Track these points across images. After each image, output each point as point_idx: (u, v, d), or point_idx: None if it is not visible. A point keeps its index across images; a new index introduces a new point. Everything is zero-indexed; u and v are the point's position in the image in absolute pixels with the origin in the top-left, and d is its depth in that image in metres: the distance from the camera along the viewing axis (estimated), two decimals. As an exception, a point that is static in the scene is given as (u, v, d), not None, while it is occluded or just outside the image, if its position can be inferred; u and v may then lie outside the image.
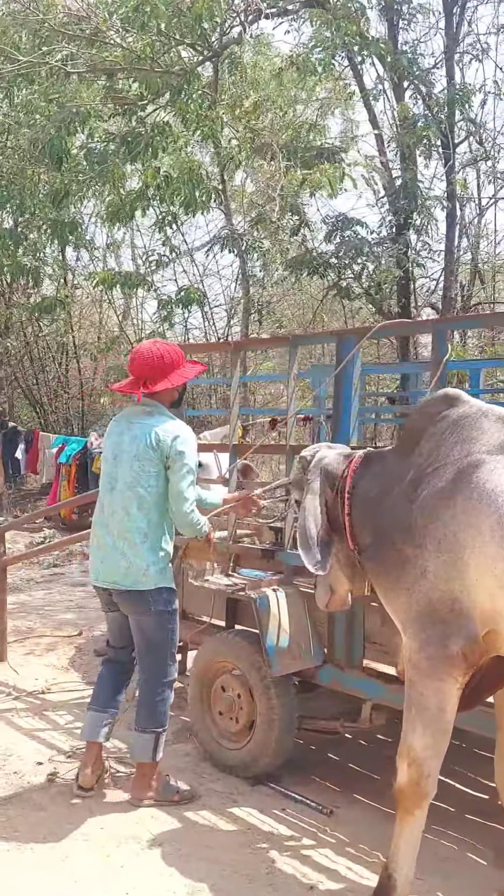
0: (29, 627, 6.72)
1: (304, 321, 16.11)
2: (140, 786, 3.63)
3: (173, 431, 3.52)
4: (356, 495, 2.99)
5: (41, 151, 9.18)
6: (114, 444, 3.62)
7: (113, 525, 3.57)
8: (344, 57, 9.48)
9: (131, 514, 3.52)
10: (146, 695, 3.64)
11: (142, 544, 3.52)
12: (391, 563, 2.71)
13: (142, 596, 3.54)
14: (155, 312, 12.04)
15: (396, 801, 2.72)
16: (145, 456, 3.50)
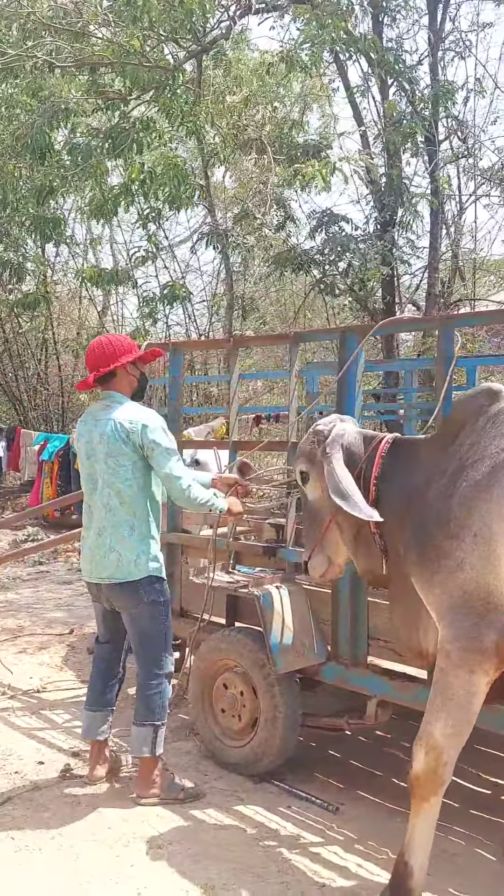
0: (19, 626, 6.67)
1: (286, 318, 16.12)
2: (143, 783, 3.62)
3: (138, 420, 3.53)
4: (385, 482, 3.02)
5: (24, 146, 9.08)
6: (86, 444, 3.65)
7: (99, 522, 3.61)
8: (330, 53, 9.48)
9: (114, 510, 3.56)
10: (143, 688, 3.65)
11: (129, 536, 3.56)
12: (430, 556, 2.74)
13: (134, 588, 3.56)
14: (138, 309, 11.95)
15: (411, 789, 2.74)
16: (117, 452, 3.53)
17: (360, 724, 3.75)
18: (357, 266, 10.15)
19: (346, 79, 10.54)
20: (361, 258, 9.92)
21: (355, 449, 3.14)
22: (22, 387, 17.38)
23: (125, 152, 9.00)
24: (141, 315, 14.00)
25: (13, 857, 3.17)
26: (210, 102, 9.49)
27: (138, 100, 8.95)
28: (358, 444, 3.16)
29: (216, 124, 9.67)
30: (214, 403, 15.67)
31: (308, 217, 11.06)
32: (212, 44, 8.81)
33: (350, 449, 3.14)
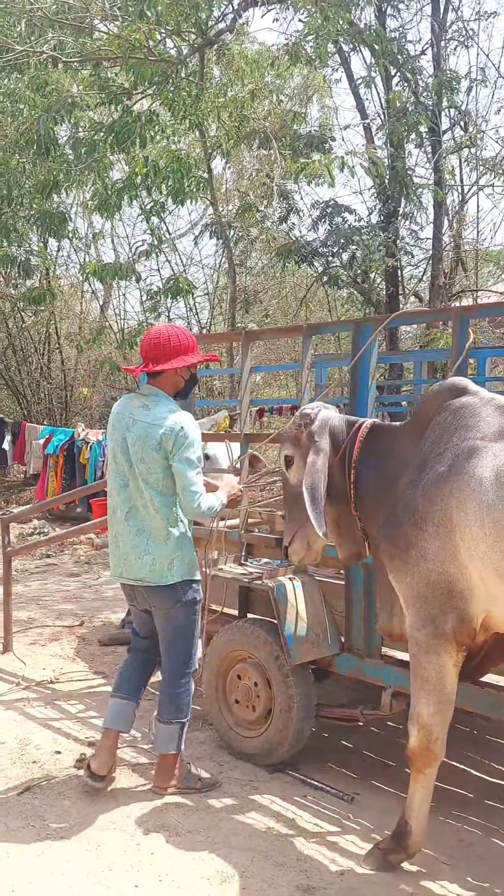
0: (30, 618, 6.71)
1: (288, 311, 16.12)
2: (164, 776, 3.65)
3: (173, 426, 3.43)
4: (363, 466, 3.15)
5: (28, 142, 9.08)
6: (120, 441, 3.56)
7: (132, 522, 3.55)
8: (333, 45, 9.46)
9: (150, 513, 3.51)
10: (170, 685, 3.65)
11: (165, 540, 3.52)
12: (400, 545, 2.89)
13: (172, 588, 3.54)
14: (144, 302, 11.95)
15: (410, 762, 2.99)
16: (150, 458, 3.46)
17: (374, 715, 3.79)
18: (360, 257, 10.15)
19: (350, 70, 10.52)
20: (365, 249, 9.92)
21: (338, 431, 3.26)
22: (25, 381, 17.40)
23: (128, 146, 9.00)
24: (143, 309, 14.01)
25: (35, 845, 3.21)
26: (213, 95, 9.48)
27: (142, 94, 8.94)
28: (342, 429, 3.27)
29: (219, 117, 9.66)
30: (217, 396, 15.71)
31: (311, 208, 11.06)
32: (216, 37, 8.79)
33: (334, 432, 3.25)
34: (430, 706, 2.88)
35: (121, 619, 6.31)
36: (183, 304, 16.09)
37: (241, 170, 14.01)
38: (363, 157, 8.23)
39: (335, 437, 3.23)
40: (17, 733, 4.32)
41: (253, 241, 11.62)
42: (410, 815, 3.00)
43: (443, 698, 2.88)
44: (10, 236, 10.72)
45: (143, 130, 8.78)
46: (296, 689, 3.77)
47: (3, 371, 17.16)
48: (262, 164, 10.85)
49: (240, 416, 4.47)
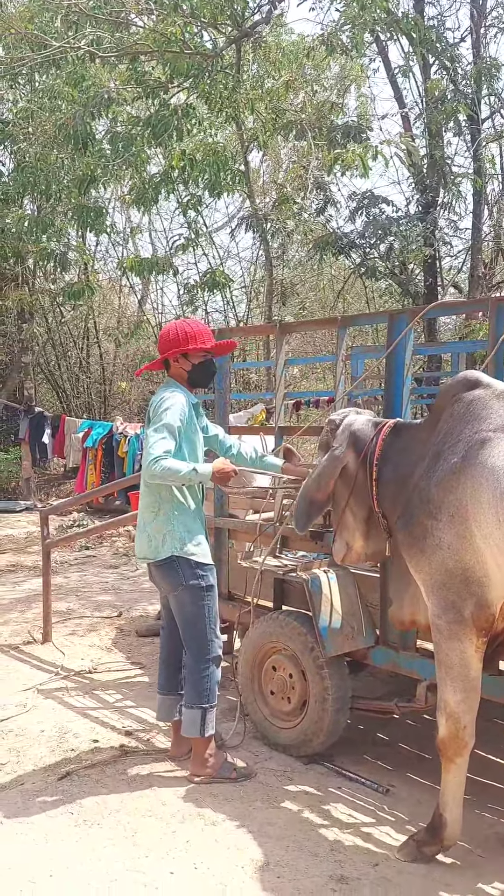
0: (69, 608, 6.80)
1: (326, 303, 16.06)
2: (196, 762, 3.70)
3: (154, 399, 3.66)
4: (385, 463, 3.22)
5: (66, 137, 9.15)
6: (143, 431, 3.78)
7: (141, 504, 3.77)
8: (370, 34, 9.39)
9: (144, 492, 3.71)
10: (190, 671, 3.73)
11: (156, 516, 3.65)
12: (417, 535, 2.95)
13: (172, 569, 3.62)
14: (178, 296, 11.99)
15: (440, 752, 3.00)
16: (146, 436, 3.64)
17: (409, 708, 3.77)
18: (398, 248, 10.07)
19: (387, 59, 10.44)
20: (403, 240, 9.84)
21: (361, 433, 3.34)
22: (65, 375, 17.60)
23: (165, 140, 9.03)
24: (181, 302, 14.07)
25: (73, 830, 3.27)
26: (249, 87, 9.47)
27: (178, 87, 8.96)
28: (366, 430, 3.35)
29: (255, 109, 9.65)
30: (254, 390, 15.72)
31: (348, 199, 10.99)
32: (252, 28, 8.77)
33: (357, 435, 3.35)
34: (456, 693, 2.91)
35: (158, 611, 6.36)
36: (220, 297, 16.15)
37: (277, 162, 13.98)
38: (399, 146, 8.15)
39: (359, 439, 3.33)
40: (56, 722, 4.39)
41: (290, 234, 11.56)
42: (445, 807, 3.01)
43: (468, 685, 2.91)
44: (48, 231, 10.84)
45: (180, 124, 8.81)
46: (331, 681, 3.77)
47: (44, 365, 17.37)
48: (299, 155, 10.81)
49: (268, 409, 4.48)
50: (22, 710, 4.55)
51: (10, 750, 4.05)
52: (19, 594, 7.43)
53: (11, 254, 13.46)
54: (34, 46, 8.64)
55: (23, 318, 14.84)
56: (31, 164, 9.76)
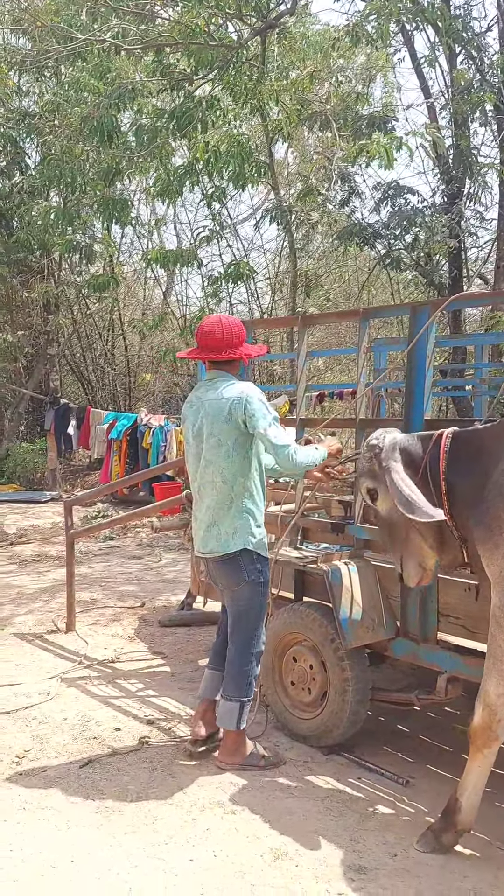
0: (92, 598, 6.86)
1: (350, 294, 16.01)
2: (226, 751, 3.74)
3: (237, 395, 3.57)
4: (454, 474, 3.11)
5: (91, 129, 9.19)
6: (191, 425, 3.74)
7: (205, 499, 3.71)
8: (396, 24, 9.32)
9: (217, 487, 3.65)
10: (234, 664, 3.74)
11: (228, 511, 3.65)
12: (493, 528, 2.91)
13: (235, 565, 3.65)
14: (202, 288, 12.01)
15: (470, 740, 3.02)
16: (219, 430, 3.59)
17: (429, 700, 3.77)
18: (423, 239, 10.01)
19: (413, 49, 10.37)
20: (428, 231, 9.78)
21: (412, 449, 3.25)
22: (90, 367, 17.70)
23: (190, 132, 9.04)
24: (205, 294, 14.08)
25: (94, 817, 3.31)
26: (274, 79, 9.44)
27: (203, 79, 8.96)
28: (414, 445, 3.27)
29: (280, 100, 9.62)
30: (277, 382, 15.72)
31: (373, 190, 10.94)
32: (277, 19, 8.74)
33: (407, 450, 3.26)
34: (499, 687, 2.92)
35: (181, 601, 6.40)
36: (244, 289, 16.15)
37: (302, 153, 13.93)
38: (424, 137, 8.09)
39: (408, 453, 3.25)
40: (79, 710, 4.44)
41: (314, 225, 11.53)
42: (462, 792, 3.04)
43: None
44: (74, 223, 10.90)
45: (205, 116, 8.81)
46: (351, 673, 3.79)
47: (69, 357, 17.49)
48: (324, 146, 10.76)
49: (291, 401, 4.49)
50: (45, 697, 4.61)
51: (33, 737, 4.10)
52: (44, 584, 7.51)
53: (37, 246, 13.57)
54: (60, 39, 8.68)
55: (48, 310, 14.94)
56: (57, 156, 9.82)
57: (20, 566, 8.39)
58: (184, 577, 7.64)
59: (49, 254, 14.35)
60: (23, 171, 14.49)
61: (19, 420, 16.10)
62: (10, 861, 3.00)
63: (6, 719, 4.32)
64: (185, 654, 5.40)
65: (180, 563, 8.41)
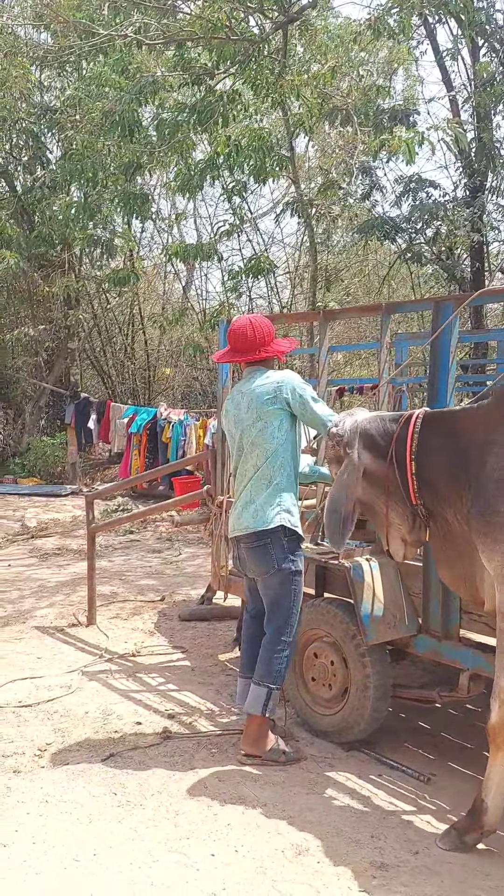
0: (112, 592, 6.89)
1: (371, 288, 15.93)
2: (248, 738, 3.75)
3: (281, 378, 3.76)
4: (425, 455, 3.15)
5: (112, 124, 9.20)
6: (234, 417, 3.89)
7: (243, 481, 3.85)
8: (418, 17, 9.26)
9: (260, 468, 3.78)
10: (266, 650, 3.79)
11: (266, 488, 3.76)
12: (494, 524, 2.91)
13: (266, 551, 3.73)
14: (226, 281, 12.01)
15: (489, 738, 3.01)
16: (265, 414, 3.74)
17: (451, 697, 3.76)
18: (445, 233, 9.95)
19: (435, 42, 10.31)
20: (450, 225, 9.72)
21: (377, 430, 3.30)
22: (110, 361, 17.74)
23: (211, 126, 9.03)
24: (225, 289, 14.08)
25: (116, 810, 3.33)
26: (295, 73, 9.40)
27: (224, 73, 8.94)
28: (378, 426, 3.30)
29: (301, 94, 9.58)
30: (298, 376, 15.65)
31: (394, 184, 10.88)
32: (299, 13, 8.70)
33: (369, 433, 3.30)
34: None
35: (200, 596, 6.42)
36: (264, 283, 16.11)
37: (323, 146, 13.87)
38: (446, 131, 8.03)
39: (372, 437, 3.29)
40: (100, 704, 4.46)
41: (335, 219, 11.49)
42: (487, 793, 3.02)
43: None
44: (95, 218, 10.93)
45: (225, 110, 8.79)
46: (372, 669, 3.78)
47: (89, 351, 17.53)
48: (345, 140, 10.71)
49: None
50: (67, 691, 4.64)
51: (55, 730, 4.13)
52: (65, 577, 7.55)
53: (58, 241, 13.63)
54: (81, 34, 8.68)
55: (69, 305, 14.99)
56: (79, 151, 9.84)
57: (41, 559, 8.44)
58: (203, 571, 7.65)
59: (70, 248, 14.39)
60: (44, 165, 14.56)
61: (40, 414, 16.17)
62: (33, 853, 3.02)
63: (28, 712, 4.35)
64: (204, 649, 5.41)
65: (200, 557, 8.42)
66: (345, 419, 3.40)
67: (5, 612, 6.35)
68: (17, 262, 12.65)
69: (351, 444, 3.28)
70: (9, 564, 8.16)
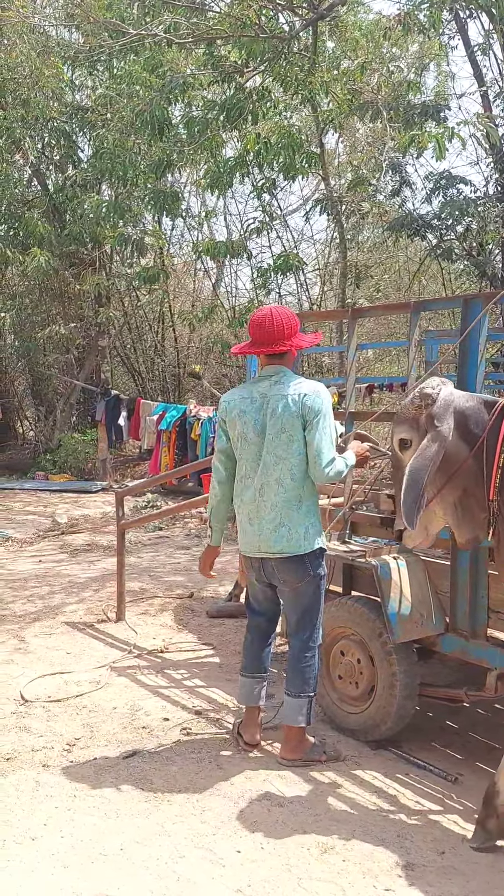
0: (141, 588, 6.94)
1: (401, 285, 15.84)
2: (290, 748, 3.74)
3: (312, 390, 3.57)
4: None
5: (143, 122, 9.25)
6: (252, 422, 3.64)
7: (268, 499, 3.63)
8: (449, 12, 9.18)
9: (286, 485, 3.60)
10: (298, 660, 3.73)
11: (298, 510, 3.62)
12: None
13: (302, 561, 3.63)
14: (256, 278, 12.02)
15: None
16: (291, 426, 3.55)
17: (479, 696, 3.74)
18: (476, 230, 9.87)
19: (467, 36, 10.21)
20: (480, 221, 9.64)
21: (472, 414, 3.02)
22: (140, 358, 17.83)
23: (240, 123, 9.04)
24: (255, 286, 14.08)
25: (143, 806, 3.36)
26: (325, 69, 9.38)
27: (254, 70, 8.94)
28: (474, 409, 3.03)
29: (331, 91, 9.56)
30: (327, 374, 15.64)
31: (424, 180, 10.82)
32: (328, 9, 8.68)
33: (465, 414, 3.02)
34: None
35: (228, 592, 6.43)
36: (293, 280, 16.09)
37: (353, 143, 13.83)
38: (477, 126, 7.96)
39: (465, 417, 3.02)
40: (129, 699, 4.50)
41: (364, 216, 11.44)
42: (499, 776, 3.05)
43: None
44: (125, 216, 10.99)
45: (255, 107, 8.80)
46: (398, 667, 3.77)
47: (120, 349, 17.64)
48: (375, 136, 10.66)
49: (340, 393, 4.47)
50: (96, 686, 4.68)
51: (84, 725, 4.17)
52: (94, 573, 7.61)
53: (89, 239, 13.71)
54: (112, 33, 8.73)
55: (100, 303, 15.08)
56: (109, 150, 9.91)
57: (71, 555, 8.51)
58: (231, 568, 7.66)
59: (101, 246, 14.48)
60: (75, 164, 14.66)
61: (71, 411, 16.30)
62: (61, 847, 3.06)
63: (57, 707, 4.40)
64: (232, 646, 5.43)
65: (228, 554, 8.42)
66: (441, 385, 3.09)
67: (36, 607, 6.42)
68: (49, 261, 12.75)
69: (441, 419, 2.99)
70: (39, 560, 8.24)
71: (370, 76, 9.41)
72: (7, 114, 12.41)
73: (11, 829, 3.19)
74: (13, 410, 18.38)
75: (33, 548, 8.97)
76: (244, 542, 3.78)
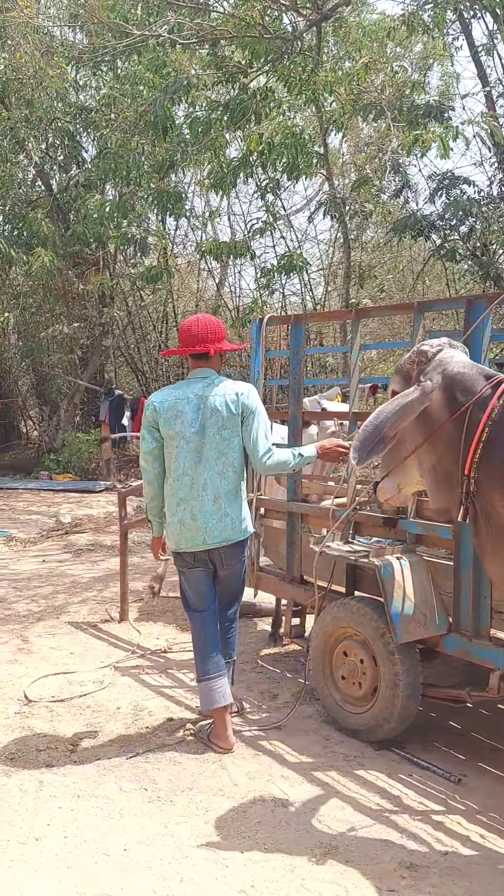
0: (144, 588, 6.93)
1: (404, 286, 15.84)
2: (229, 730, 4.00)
3: (244, 389, 3.89)
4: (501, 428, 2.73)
5: (147, 123, 9.26)
6: (190, 422, 3.80)
7: (211, 492, 3.84)
8: (453, 12, 9.18)
9: (228, 478, 3.87)
10: (231, 630, 4.16)
11: (237, 500, 3.91)
12: None
13: (242, 545, 3.99)
14: (259, 278, 12.02)
15: None
16: (231, 423, 3.84)
17: (482, 697, 3.74)
18: (480, 230, 9.87)
19: (471, 37, 10.21)
20: (484, 222, 9.64)
21: (466, 382, 2.85)
22: (144, 358, 17.86)
23: (244, 124, 9.04)
24: (258, 286, 14.09)
25: (146, 806, 3.36)
26: (329, 69, 9.38)
27: (258, 71, 8.95)
28: (472, 378, 2.86)
29: (335, 91, 9.55)
30: (330, 374, 15.65)
31: (428, 180, 10.81)
32: (332, 10, 8.67)
33: (457, 380, 2.86)
34: None
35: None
36: (297, 280, 16.10)
37: (357, 143, 13.83)
38: (481, 125, 7.96)
39: (458, 384, 2.85)
40: (132, 699, 4.50)
41: (368, 216, 11.44)
42: None
43: None
44: (129, 216, 10.99)
45: (259, 107, 8.80)
46: (402, 668, 3.77)
47: (124, 349, 17.66)
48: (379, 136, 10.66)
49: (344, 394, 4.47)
50: (99, 686, 4.69)
51: (87, 725, 4.18)
52: (97, 573, 7.62)
53: (93, 239, 13.73)
54: (116, 34, 8.74)
55: (104, 302, 15.10)
56: (113, 150, 9.92)
57: (74, 555, 8.53)
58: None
59: (104, 246, 14.50)
60: (79, 164, 14.68)
61: (74, 411, 16.33)
62: (65, 847, 3.06)
63: (61, 707, 4.41)
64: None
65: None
66: (441, 346, 2.99)
67: (39, 607, 6.43)
68: (52, 261, 12.77)
69: (430, 376, 2.87)
70: (43, 560, 8.25)
71: (374, 76, 9.40)
72: (11, 114, 12.43)
73: (15, 830, 3.19)
74: (17, 410, 18.42)
75: (37, 548, 8.98)
76: (185, 539, 3.89)
